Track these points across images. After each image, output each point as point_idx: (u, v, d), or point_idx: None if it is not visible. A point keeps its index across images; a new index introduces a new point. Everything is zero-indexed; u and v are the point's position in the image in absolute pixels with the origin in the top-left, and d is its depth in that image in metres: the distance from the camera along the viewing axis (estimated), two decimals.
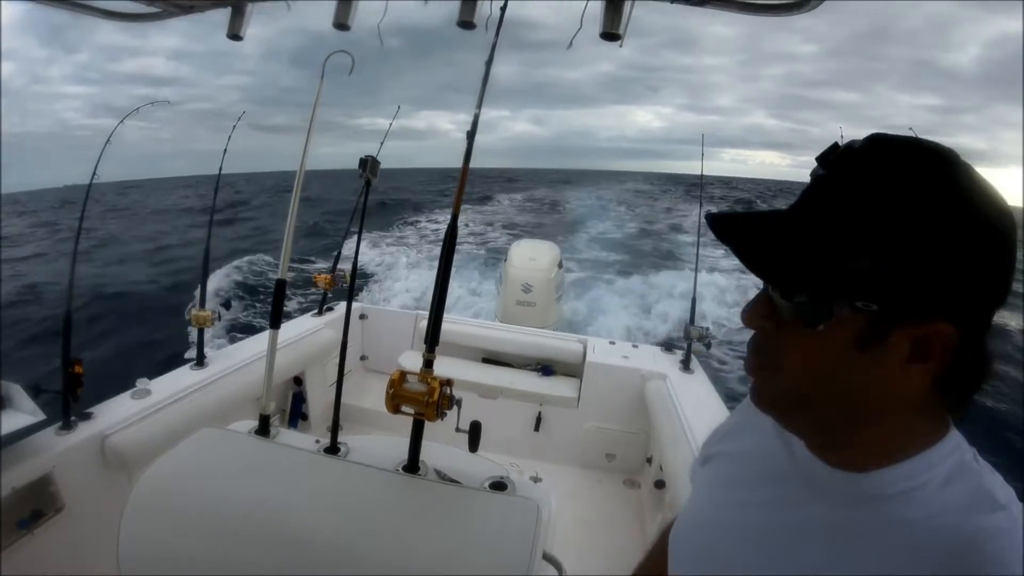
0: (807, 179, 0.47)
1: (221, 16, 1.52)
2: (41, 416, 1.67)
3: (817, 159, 0.47)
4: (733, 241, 0.45)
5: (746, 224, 0.48)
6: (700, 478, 0.69)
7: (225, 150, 2.65)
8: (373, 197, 1.75)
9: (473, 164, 1.27)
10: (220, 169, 2.67)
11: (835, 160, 0.45)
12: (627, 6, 1.28)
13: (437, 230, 15.60)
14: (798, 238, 0.44)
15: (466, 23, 1.32)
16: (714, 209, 3.35)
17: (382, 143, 2.44)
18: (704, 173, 3.26)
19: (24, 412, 1.67)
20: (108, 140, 2.07)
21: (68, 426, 1.79)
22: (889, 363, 0.42)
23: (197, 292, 2.56)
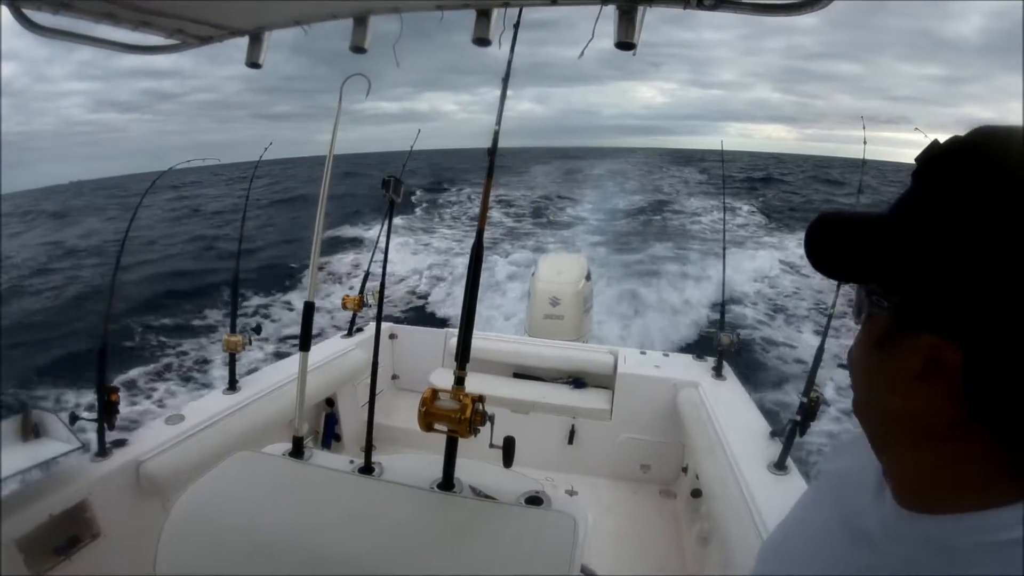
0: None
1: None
2: (76, 444, 1.70)
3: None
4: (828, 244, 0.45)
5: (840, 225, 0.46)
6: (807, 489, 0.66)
7: (243, 222, 2.63)
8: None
9: (479, 144, 1.28)
10: (240, 239, 2.56)
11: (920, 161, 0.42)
12: (639, 14, 1.29)
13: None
14: (871, 231, 0.42)
15: (481, 40, 1.33)
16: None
17: (404, 164, 2.42)
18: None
19: (59, 440, 1.71)
20: (146, 191, 2.16)
21: (103, 453, 1.82)
22: (900, 374, 0.39)
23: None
